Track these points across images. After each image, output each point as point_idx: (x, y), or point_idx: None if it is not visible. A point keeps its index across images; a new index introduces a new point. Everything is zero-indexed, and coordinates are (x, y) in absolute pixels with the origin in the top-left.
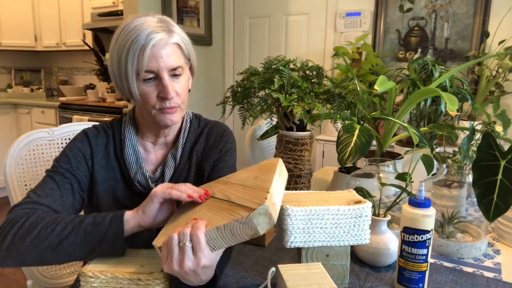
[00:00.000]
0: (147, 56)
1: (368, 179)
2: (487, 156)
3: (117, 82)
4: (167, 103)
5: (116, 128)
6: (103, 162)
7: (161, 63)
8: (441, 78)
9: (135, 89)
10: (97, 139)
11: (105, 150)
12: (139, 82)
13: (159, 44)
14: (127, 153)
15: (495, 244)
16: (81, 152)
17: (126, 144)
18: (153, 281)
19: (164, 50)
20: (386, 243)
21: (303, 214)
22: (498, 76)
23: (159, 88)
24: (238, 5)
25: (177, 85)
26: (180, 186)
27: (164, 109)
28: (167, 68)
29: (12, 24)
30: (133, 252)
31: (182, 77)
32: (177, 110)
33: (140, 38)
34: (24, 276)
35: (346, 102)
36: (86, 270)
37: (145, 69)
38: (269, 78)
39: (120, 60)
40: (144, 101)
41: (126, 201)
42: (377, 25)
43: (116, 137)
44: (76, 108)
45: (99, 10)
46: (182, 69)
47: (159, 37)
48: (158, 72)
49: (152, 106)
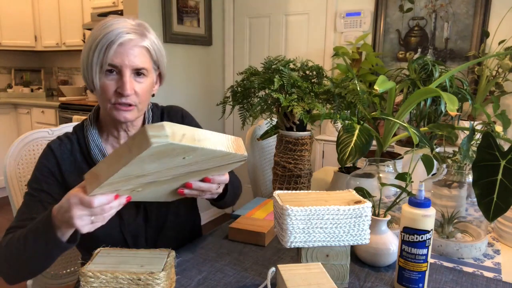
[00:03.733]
0: (112, 51)
1: (368, 179)
2: (487, 156)
3: (84, 72)
4: (123, 99)
5: (79, 133)
6: (72, 168)
7: (126, 61)
8: (441, 78)
9: (97, 80)
10: (61, 148)
11: (71, 155)
12: (101, 74)
13: (128, 44)
14: (93, 153)
15: (495, 244)
16: (47, 167)
17: (91, 146)
18: (153, 281)
19: (131, 50)
20: (386, 243)
21: (303, 214)
22: (498, 76)
23: (118, 84)
24: (238, 5)
25: (137, 85)
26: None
27: (118, 105)
28: (131, 66)
29: (12, 24)
30: (133, 252)
31: (145, 78)
32: (133, 109)
33: (111, 34)
34: None
35: (346, 102)
36: (86, 270)
37: (109, 62)
38: (269, 78)
39: (89, 50)
40: (102, 93)
41: None
42: (377, 25)
43: (81, 141)
44: (76, 108)
45: (99, 10)
46: (147, 71)
47: (128, 37)
48: (121, 68)
49: (108, 100)
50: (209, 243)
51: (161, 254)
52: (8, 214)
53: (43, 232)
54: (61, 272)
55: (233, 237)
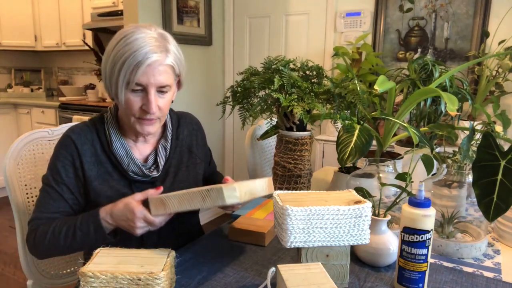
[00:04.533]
0: (140, 72)
1: (368, 179)
2: (487, 156)
3: (106, 83)
4: (148, 115)
5: (99, 125)
6: (92, 159)
7: (152, 80)
8: (441, 78)
9: (122, 96)
10: (81, 137)
11: (92, 146)
12: (127, 90)
13: (154, 64)
14: (115, 148)
15: (495, 244)
16: (68, 159)
17: (112, 139)
18: (153, 281)
19: (156, 69)
20: (386, 243)
21: (303, 214)
22: (498, 76)
23: (143, 101)
24: (238, 5)
25: (161, 100)
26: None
27: (142, 120)
28: (156, 85)
29: (12, 24)
30: (133, 252)
31: (167, 94)
32: (156, 122)
33: (138, 54)
34: (24, 276)
35: (346, 102)
36: (86, 270)
37: (136, 82)
38: (269, 78)
39: (114, 66)
40: (127, 107)
41: (124, 189)
42: (377, 25)
43: (101, 134)
44: (76, 108)
45: (99, 10)
46: (170, 87)
47: (155, 58)
48: (146, 86)
49: (133, 114)
50: (209, 243)
51: (161, 254)
52: (8, 214)
53: (94, 232)
54: (61, 272)
55: (233, 237)
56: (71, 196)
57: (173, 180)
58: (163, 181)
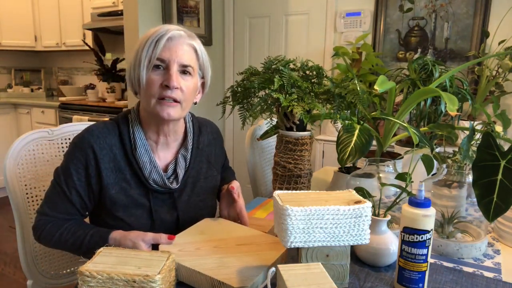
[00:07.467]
0: (162, 45)
1: (368, 179)
2: (487, 156)
3: (131, 72)
4: (168, 92)
5: (122, 126)
6: (111, 165)
7: (174, 55)
8: (441, 78)
9: (143, 75)
10: (100, 141)
11: (111, 151)
12: (148, 69)
13: (177, 39)
14: (139, 153)
15: (495, 244)
16: (81, 163)
17: (137, 144)
18: (148, 284)
19: (180, 46)
20: (386, 243)
21: (303, 214)
22: (498, 76)
23: (164, 77)
24: (238, 5)
25: (183, 82)
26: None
27: (163, 99)
28: (178, 62)
29: (12, 24)
30: (134, 253)
31: (190, 78)
32: (177, 106)
33: (161, 30)
34: (24, 276)
35: (346, 102)
36: (84, 269)
37: (157, 56)
38: (269, 78)
39: (138, 48)
40: (148, 88)
41: (141, 198)
42: (377, 25)
43: (124, 136)
44: (76, 108)
45: (99, 10)
46: (193, 70)
47: (178, 33)
48: (168, 62)
49: (153, 95)
50: None
51: (161, 257)
52: (8, 214)
53: (101, 245)
54: (61, 272)
55: None
56: (79, 200)
57: (191, 192)
58: (181, 193)
